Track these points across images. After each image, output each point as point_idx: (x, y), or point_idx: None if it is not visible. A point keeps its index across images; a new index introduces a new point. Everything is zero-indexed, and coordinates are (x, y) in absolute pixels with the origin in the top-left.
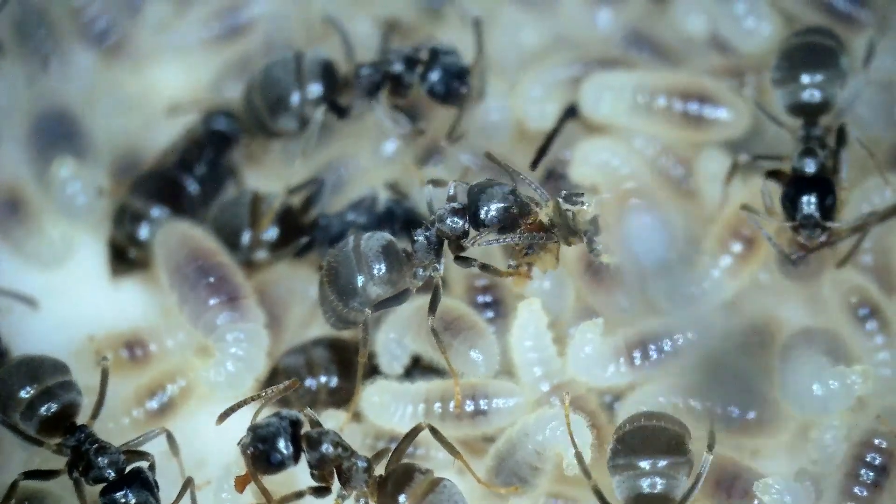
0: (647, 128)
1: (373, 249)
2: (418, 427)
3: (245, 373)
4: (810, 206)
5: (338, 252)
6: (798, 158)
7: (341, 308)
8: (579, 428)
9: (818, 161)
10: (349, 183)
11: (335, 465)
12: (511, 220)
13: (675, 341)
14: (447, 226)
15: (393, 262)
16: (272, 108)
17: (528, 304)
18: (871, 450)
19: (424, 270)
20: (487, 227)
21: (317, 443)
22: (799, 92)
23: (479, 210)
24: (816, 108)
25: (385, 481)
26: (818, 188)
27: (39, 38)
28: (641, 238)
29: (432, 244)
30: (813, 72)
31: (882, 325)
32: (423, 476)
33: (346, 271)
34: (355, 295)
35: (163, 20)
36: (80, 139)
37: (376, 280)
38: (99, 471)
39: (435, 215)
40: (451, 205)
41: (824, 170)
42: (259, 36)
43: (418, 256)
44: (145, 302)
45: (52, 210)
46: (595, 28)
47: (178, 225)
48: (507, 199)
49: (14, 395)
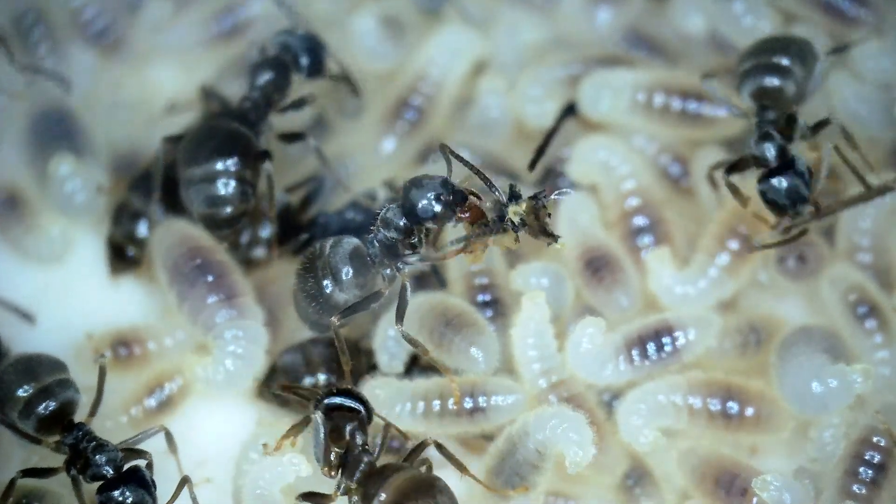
0: (646, 126)
1: (339, 255)
2: (424, 443)
3: (244, 371)
4: (793, 186)
5: (307, 259)
6: (756, 145)
7: (313, 314)
8: (579, 426)
9: (776, 144)
10: (348, 181)
11: (346, 446)
12: (446, 209)
13: (674, 339)
14: (388, 225)
15: (359, 266)
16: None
17: (532, 297)
18: (870, 448)
19: (390, 271)
20: (424, 220)
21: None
22: (760, 76)
23: (413, 204)
24: (774, 93)
25: (370, 477)
26: (789, 169)
27: (37, 36)
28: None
29: (386, 246)
30: (777, 56)
31: (881, 323)
32: (407, 471)
33: (313, 276)
34: (325, 301)
35: (161, 20)
36: (78, 137)
37: (344, 285)
38: (97, 469)
39: (378, 220)
40: (388, 205)
41: (784, 152)
42: (257, 36)
43: (378, 259)
44: (144, 300)
45: (50, 208)
46: (594, 27)
47: (177, 223)
48: (438, 188)
49: (12, 393)
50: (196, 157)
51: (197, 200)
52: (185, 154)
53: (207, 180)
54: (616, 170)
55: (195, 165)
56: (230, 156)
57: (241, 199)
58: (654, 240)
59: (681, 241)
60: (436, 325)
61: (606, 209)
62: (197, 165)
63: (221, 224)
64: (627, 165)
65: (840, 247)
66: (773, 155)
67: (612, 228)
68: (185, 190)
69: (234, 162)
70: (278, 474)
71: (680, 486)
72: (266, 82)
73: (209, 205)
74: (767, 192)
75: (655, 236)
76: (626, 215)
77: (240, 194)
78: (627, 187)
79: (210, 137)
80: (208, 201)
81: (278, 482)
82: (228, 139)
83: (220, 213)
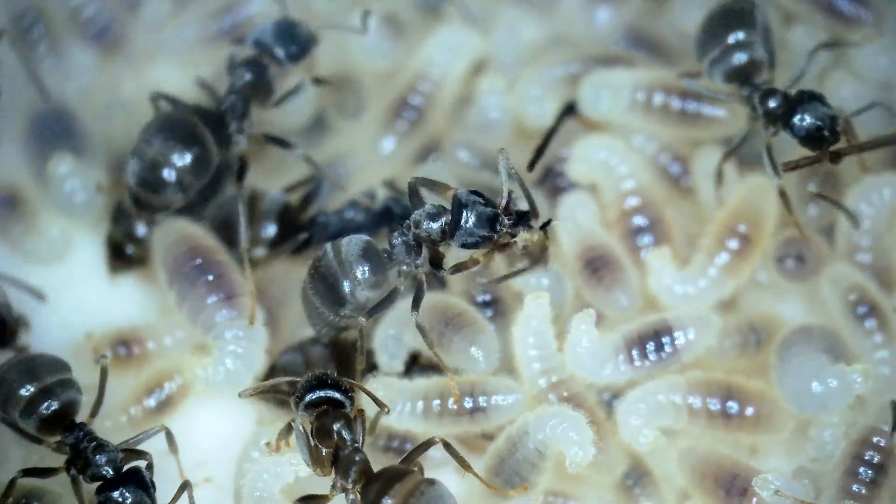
0: (646, 126)
1: (354, 254)
2: (431, 440)
3: (244, 370)
4: (818, 110)
5: (318, 261)
6: (762, 104)
7: (331, 317)
8: (579, 425)
9: (781, 92)
10: (347, 181)
11: (335, 446)
12: (487, 242)
13: (674, 339)
14: (420, 228)
15: (375, 263)
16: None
17: (535, 297)
18: (870, 448)
19: (407, 267)
20: (461, 244)
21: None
22: (727, 57)
23: (457, 226)
24: (748, 67)
25: (371, 483)
26: (803, 102)
27: (37, 35)
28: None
29: (411, 246)
30: (734, 32)
31: (881, 322)
32: (409, 477)
33: (331, 280)
34: (344, 302)
35: (160, 19)
36: (78, 136)
37: (363, 284)
38: (97, 469)
39: (411, 220)
40: (428, 210)
41: (789, 95)
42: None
43: (398, 256)
44: (143, 299)
45: (50, 207)
46: (594, 26)
47: (177, 222)
48: (487, 222)
49: (14, 393)
50: (157, 137)
51: (134, 172)
52: (150, 129)
53: (154, 162)
54: (615, 169)
55: (152, 143)
56: (187, 152)
57: (174, 192)
58: (653, 239)
59: (680, 240)
60: (436, 324)
61: (606, 208)
62: (151, 144)
63: (144, 205)
64: (627, 165)
65: (840, 246)
66: (782, 99)
67: (611, 228)
68: (132, 157)
69: (188, 160)
70: (277, 475)
71: (680, 486)
72: (243, 84)
73: (142, 184)
74: (798, 129)
75: (655, 236)
76: (625, 215)
77: (176, 189)
78: (627, 187)
79: (177, 127)
80: (144, 181)
81: (278, 482)
82: (190, 136)
83: (151, 197)
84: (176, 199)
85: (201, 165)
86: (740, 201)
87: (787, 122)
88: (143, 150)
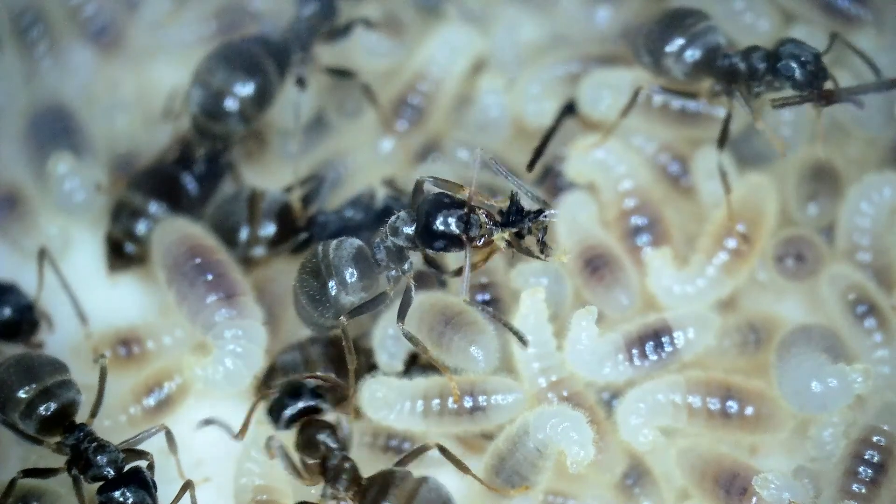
0: (646, 125)
1: (343, 257)
2: (426, 445)
3: (243, 370)
4: (801, 50)
5: (309, 261)
6: (745, 61)
7: (316, 316)
8: (580, 425)
9: (759, 49)
10: (348, 180)
11: (322, 456)
12: (459, 243)
13: (673, 339)
14: (398, 234)
15: (364, 267)
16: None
17: (532, 294)
18: (870, 447)
19: (395, 272)
20: (434, 247)
21: (315, 428)
22: (683, 55)
23: (427, 228)
24: (706, 59)
25: (367, 488)
26: (784, 45)
27: (36, 34)
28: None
29: (393, 252)
30: (682, 32)
31: (880, 322)
32: (404, 479)
33: (318, 280)
34: (328, 304)
35: (160, 17)
36: (77, 135)
37: (349, 288)
38: (98, 469)
39: (387, 227)
40: (399, 214)
41: (768, 51)
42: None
43: (382, 262)
44: (143, 298)
45: (49, 206)
46: (593, 25)
47: (176, 221)
48: (456, 221)
49: (13, 394)
50: (221, 66)
51: (197, 101)
52: (214, 57)
53: (218, 91)
54: (613, 169)
55: (216, 72)
56: (249, 81)
57: (236, 122)
58: (652, 239)
59: (679, 240)
60: (435, 323)
61: (605, 208)
62: (215, 73)
63: (206, 133)
64: (625, 165)
65: (839, 246)
66: (763, 52)
67: (610, 227)
68: (193, 85)
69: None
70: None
71: (679, 486)
72: (310, 14)
73: (205, 113)
74: (787, 69)
75: (654, 235)
76: (624, 214)
77: (238, 119)
78: (625, 187)
79: (241, 56)
80: (207, 110)
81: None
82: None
83: (214, 126)
84: (238, 129)
85: (264, 96)
86: (739, 201)
87: (774, 71)
88: (207, 80)
